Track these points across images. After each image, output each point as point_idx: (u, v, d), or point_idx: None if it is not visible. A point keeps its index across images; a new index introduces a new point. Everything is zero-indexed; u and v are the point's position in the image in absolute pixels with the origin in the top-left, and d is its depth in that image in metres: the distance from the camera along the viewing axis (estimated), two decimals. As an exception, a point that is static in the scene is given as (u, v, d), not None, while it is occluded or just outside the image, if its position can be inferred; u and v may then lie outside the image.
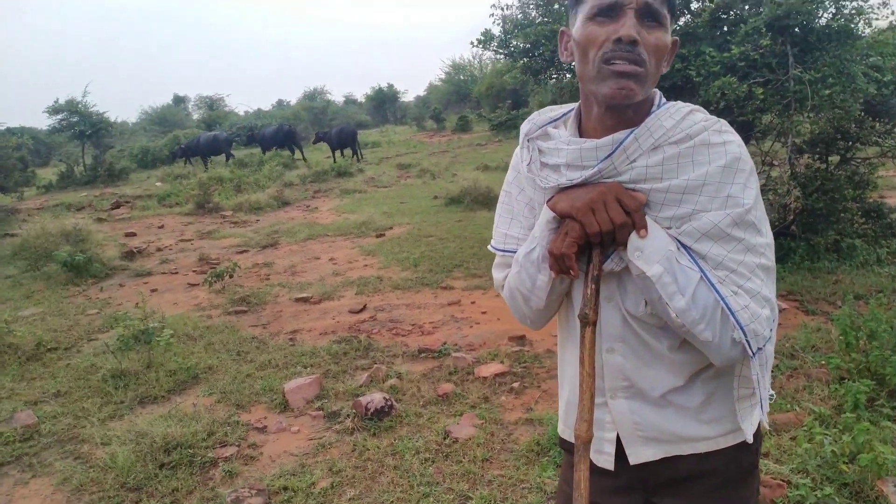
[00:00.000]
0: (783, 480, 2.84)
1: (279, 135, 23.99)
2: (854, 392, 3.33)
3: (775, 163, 7.29)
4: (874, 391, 3.49)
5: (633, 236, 1.14)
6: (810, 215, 6.62)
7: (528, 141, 1.30)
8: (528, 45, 6.39)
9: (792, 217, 6.86)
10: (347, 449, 3.52)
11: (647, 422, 1.27)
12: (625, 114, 1.18)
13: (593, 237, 1.15)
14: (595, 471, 1.28)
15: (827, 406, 3.50)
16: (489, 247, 1.42)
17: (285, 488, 3.19)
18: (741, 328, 1.11)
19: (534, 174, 1.26)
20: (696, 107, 1.21)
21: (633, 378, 1.26)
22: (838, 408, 3.46)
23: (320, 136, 23.58)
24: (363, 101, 51.45)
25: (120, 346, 4.99)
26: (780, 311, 5.15)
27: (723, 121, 1.20)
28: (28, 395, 4.58)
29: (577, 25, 1.18)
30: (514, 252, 1.33)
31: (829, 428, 3.15)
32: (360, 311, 6.12)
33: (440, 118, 33.93)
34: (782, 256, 6.36)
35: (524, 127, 1.32)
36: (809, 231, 6.62)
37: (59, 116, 23.88)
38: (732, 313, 1.11)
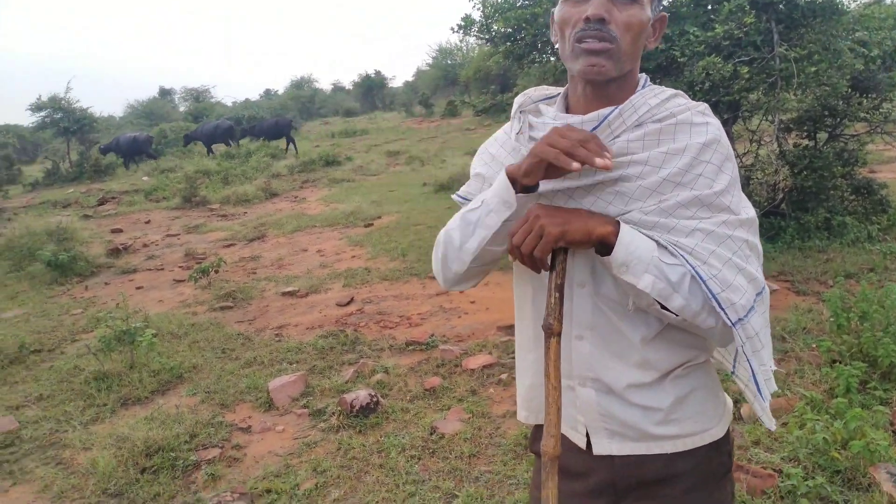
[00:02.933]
0: (774, 470, 2.79)
1: (218, 131, 23.47)
2: (846, 376, 3.28)
3: (763, 141, 7.22)
4: (866, 374, 3.43)
5: (616, 253, 1.10)
6: (800, 193, 6.55)
7: (520, 113, 1.30)
8: (510, 30, 6.26)
9: (781, 196, 6.80)
10: (332, 448, 3.46)
11: (613, 416, 1.24)
12: (606, 90, 1.19)
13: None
14: (564, 475, 1.24)
15: (818, 390, 3.44)
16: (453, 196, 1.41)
17: (269, 491, 3.12)
18: (713, 297, 1.09)
19: (521, 144, 1.26)
20: (680, 92, 1.23)
21: (599, 371, 1.24)
22: (830, 392, 3.41)
23: (246, 130, 23.65)
24: (351, 88, 51.05)
25: (102, 347, 4.90)
26: (771, 293, 5.14)
27: (705, 104, 1.21)
28: (10, 400, 4.50)
29: (557, 7, 1.21)
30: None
31: (820, 413, 3.10)
32: (348, 303, 6.04)
33: (429, 104, 33.56)
34: (773, 236, 6.30)
35: (519, 99, 1.32)
36: (799, 209, 6.55)
37: (43, 113, 23.66)
38: (704, 282, 1.09)
